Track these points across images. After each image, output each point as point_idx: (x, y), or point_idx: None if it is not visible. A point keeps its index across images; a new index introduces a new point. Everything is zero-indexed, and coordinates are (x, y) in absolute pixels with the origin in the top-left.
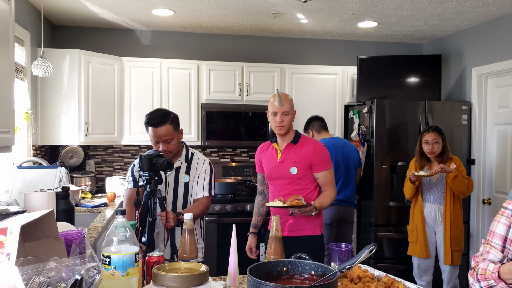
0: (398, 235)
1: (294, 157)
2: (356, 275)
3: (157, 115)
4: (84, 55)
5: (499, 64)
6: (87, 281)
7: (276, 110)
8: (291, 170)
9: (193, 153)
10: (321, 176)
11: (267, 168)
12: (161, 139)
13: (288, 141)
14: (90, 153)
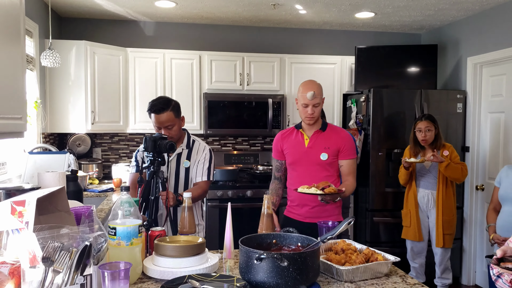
0: (393, 220)
1: (323, 143)
2: (340, 248)
3: (159, 102)
4: (90, 46)
5: (494, 53)
6: (95, 247)
7: (308, 103)
8: (322, 156)
9: (195, 140)
10: (346, 164)
11: (293, 153)
12: (162, 125)
13: (317, 128)
14: (97, 141)
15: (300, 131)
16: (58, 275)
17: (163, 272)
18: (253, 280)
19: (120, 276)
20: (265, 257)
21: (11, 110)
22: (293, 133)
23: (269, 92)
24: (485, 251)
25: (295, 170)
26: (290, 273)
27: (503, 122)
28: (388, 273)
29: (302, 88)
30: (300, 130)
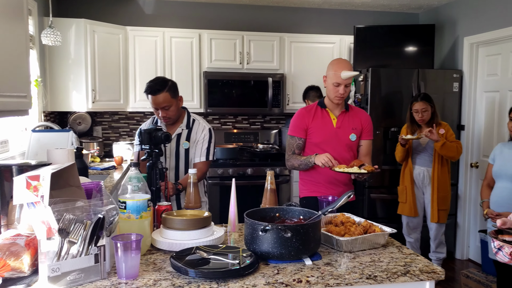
0: (390, 197)
1: (350, 124)
2: (340, 220)
3: (155, 83)
4: (90, 25)
5: (490, 33)
6: (108, 220)
7: (340, 82)
8: (351, 137)
9: (195, 120)
10: (365, 145)
11: (321, 133)
12: (159, 106)
13: (342, 108)
14: (97, 119)
15: (326, 110)
16: (73, 245)
17: (172, 244)
18: (258, 251)
19: (132, 247)
20: (270, 228)
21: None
22: (318, 111)
23: (269, 71)
24: (478, 226)
25: (323, 149)
26: (293, 244)
27: (497, 101)
28: (385, 244)
29: (335, 66)
30: (326, 109)
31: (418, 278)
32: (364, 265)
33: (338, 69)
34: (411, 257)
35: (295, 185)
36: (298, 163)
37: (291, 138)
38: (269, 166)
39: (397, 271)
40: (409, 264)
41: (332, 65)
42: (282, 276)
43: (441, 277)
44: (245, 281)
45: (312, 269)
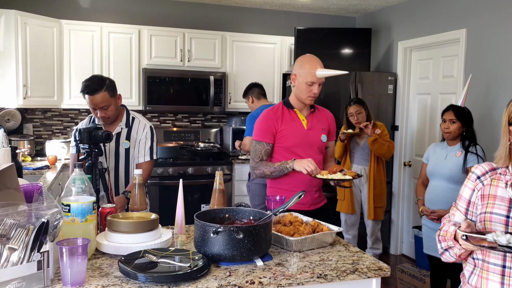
0: (329, 194)
1: (320, 124)
2: (288, 220)
3: (92, 83)
4: (21, 16)
5: (422, 38)
6: (52, 224)
7: (315, 81)
8: (322, 138)
9: (134, 118)
10: (331, 146)
11: (292, 136)
12: (98, 106)
13: (309, 108)
14: (27, 116)
15: (294, 110)
16: (14, 252)
17: (118, 248)
18: (209, 253)
19: (78, 252)
20: (222, 230)
21: None
22: (286, 112)
23: (211, 69)
24: (411, 222)
25: (294, 153)
26: (245, 245)
27: (429, 103)
28: (332, 242)
29: (308, 64)
30: (293, 109)
31: (366, 275)
32: (314, 264)
33: (312, 67)
34: (358, 255)
35: (237, 184)
36: (271, 170)
37: (258, 144)
38: (210, 165)
39: (346, 269)
40: (357, 262)
41: (303, 62)
42: (235, 278)
43: (387, 273)
44: (197, 284)
45: (264, 270)
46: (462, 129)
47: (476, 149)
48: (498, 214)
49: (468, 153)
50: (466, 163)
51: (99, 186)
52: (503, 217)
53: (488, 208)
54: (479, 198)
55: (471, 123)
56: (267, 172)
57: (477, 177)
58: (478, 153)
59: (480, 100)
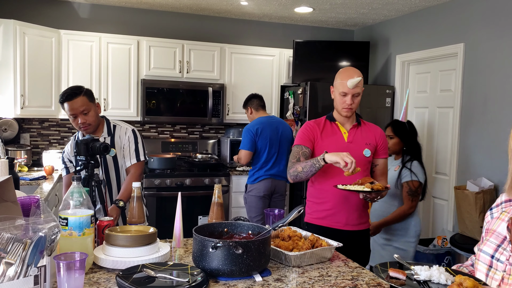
0: None
1: (364, 139)
2: (287, 234)
3: (70, 89)
4: (20, 26)
5: (420, 52)
6: (49, 238)
7: (347, 91)
8: (365, 152)
9: (115, 125)
10: (381, 164)
11: (330, 148)
12: (77, 111)
13: (353, 122)
14: (25, 126)
15: (335, 123)
16: (10, 267)
17: (116, 262)
18: (208, 268)
19: (75, 266)
20: (221, 245)
21: None
22: (328, 124)
23: (209, 80)
24: None
25: (332, 167)
26: (244, 260)
27: (427, 117)
28: (331, 257)
29: (341, 75)
30: (335, 122)
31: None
32: (314, 280)
33: (344, 77)
34: (357, 270)
35: (234, 195)
36: (303, 165)
37: (296, 147)
38: (208, 177)
39: (346, 285)
40: (356, 277)
41: (338, 74)
42: None
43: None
44: None
45: (263, 285)
46: (401, 144)
47: (412, 164)
48: (485, 253)
49: (403, 168)
50: (400, 178)
51: (96, 199)
52: (488, 256)
53: (481, 244)
54: (484, 232)
55: (413, 137)
56: (299, 168)
57: (490, 208)
58: (412, 168)
59: (477, 114)
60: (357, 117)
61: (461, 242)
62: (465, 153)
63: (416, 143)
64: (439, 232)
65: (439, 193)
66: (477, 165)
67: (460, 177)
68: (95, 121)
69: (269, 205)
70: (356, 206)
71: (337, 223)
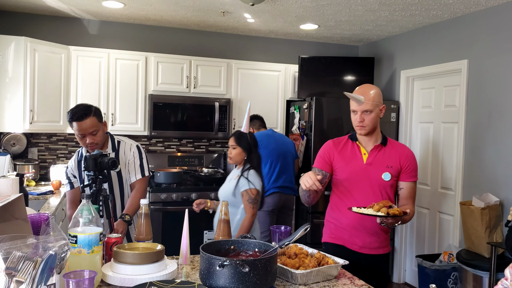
0: None
1: (385, 161)
2: (293, 252)
3: (79, 109)
4: (30, 43)
5: (424, 68)
6: (59, 256)
7: (355, 108)
8: (384, 176)
9: (120, 141)
10: (406, 188)
11: (348, 169)
12: (87, 132)
13: (376, 142)
14: (33, 140)
15: (356, 143)
16: (21, 285)
17: (123, 279)
18: (215, 286)
19: (84, 284)
20: (228, 263)
21: None
22: (348, 144)
23: (216, 95)
24: (415, 251)
25: (348, 189)
26: (251, 279)
27: (432, 132)
28: (337, 275)
29: (354, 92)
30: (356, 142)
31: None
32: None
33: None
34: None
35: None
36: (300, 189)
37: (312, 170)
38: (214, 191)
39: None
40: None
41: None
42: None
43: None
44: None
45: None
46: (243, 154)
47: (248, 173)
48: None
49: (241, 177)
50: (237, 187)
51: (103, 213)
52: None
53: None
54: None
55: (254, 148)
56: (300, 193)
57: None
58: (249, 177)
59: (482, 130)
60: (384, 136)
61: (468, 258)
62: (470, 168)
63: (257, 153)
64: (445, 248)
65: (444, 208)
66: (483, 181)
67: (466, 193)
68: (102, 140)
69: (277, 220)
70: (373, 230)
71: (353, 245)
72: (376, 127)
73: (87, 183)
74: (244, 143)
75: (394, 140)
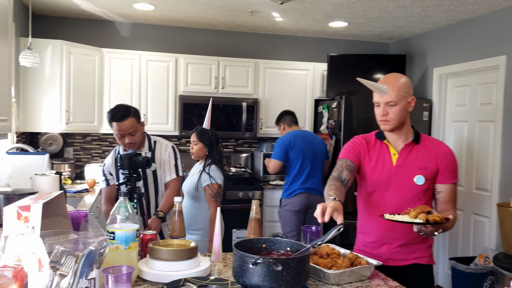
0: None
1: (418, 162)
2: (325, 252)
3: (119, 110)
4: (66, 46)
5: (458, 65)
6: (98, 252)
7: (378, 100)
8: (416, 180)
9: (156, 141)
10: (446, 191)
11: (376, 173)
12: (126, 132)
13: (407, 139)
14: (68, 140)
15: (384, 142)
16: (64, 278)
17: (159, 275)
18: (248, 284)
19: (122, 279)
20: (261, 261)
21: None
22: (377, 143)
23: (243, 95)
24: (447, 253)
25: (376, 196)
26: (284, 277)
27: (466, 131)
28: (370, 276)
29: (378, 82)
30: (384, 141)
31: None
32: None
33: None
34: None
35: (267, 209)
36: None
37: (340, 161)
38: (241, 190)
39: None
40: None
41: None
42: None
43: None
44: None
45: None
46: (204, 149)
47: (210, 168)
48: None
49: (203, 172)
50: (199, 182)
51: (137, 211)
52: None
53: None
54: None
55: (215, 143)
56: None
57: None
58: (210, 172)
59: None
60: (416, 132)
61: (505, 262)
62: (508, 168)
63: (218, 149)
64: (480, 251)
65: (479, 209)
66: None
67: (503, 194)
68: (140, 140)
69: (304, 220)
70: (401, 242)
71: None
72: (404, 122)
73: (122, 181)
74: (205, 139)
75: (429, 136)
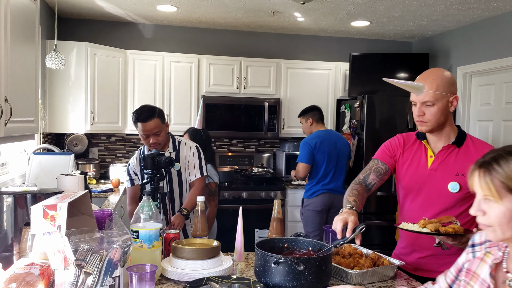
0: (385, 223)
1: (455, 167)
2: (347, 252)
3: (144, 111)
4: (91, 48)
5: (482, 64)
6: (123, 250)
7: (414, 99)
8: (450, 187)
9: (180, 141)
10: None
11: (408, 174)
12: (150, 133)
13: (448, 141)
14: (93, 141)
15: (423, 142)
16: (89, 276)
17: (182, 274)
18: (270, 283)
19: (146, 278)
20: (283, 261)
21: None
22: (416, 143)
23: (265, 95)
24: None
25: (408, 199)
26: (306, 277)
27: (491, 130)
28: (393, 276)
29: (416, 78)
30: (423, 141)
31: None
32: None
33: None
34: None
35: (289, 209)
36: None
37: (372, 161)
38: (263, 190)
39: None
40: None
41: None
42: None
43: None
44: None
45: None
46: None
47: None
48: None
49: None
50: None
51: (160, 210)
52: None
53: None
54: (464, 273)
55: (208, 143)
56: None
57: (472, 245)
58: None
59: None
60: (460, 134)
61: None
62: None
63: (211, 149)
64: None
65: None
66: None
67: None
68: (164, 140)
69: (327, 220)
70: (430, 251)
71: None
72: (444, 123)
73: (146, 181)
74: (198, 140)
75: (478, 139)
